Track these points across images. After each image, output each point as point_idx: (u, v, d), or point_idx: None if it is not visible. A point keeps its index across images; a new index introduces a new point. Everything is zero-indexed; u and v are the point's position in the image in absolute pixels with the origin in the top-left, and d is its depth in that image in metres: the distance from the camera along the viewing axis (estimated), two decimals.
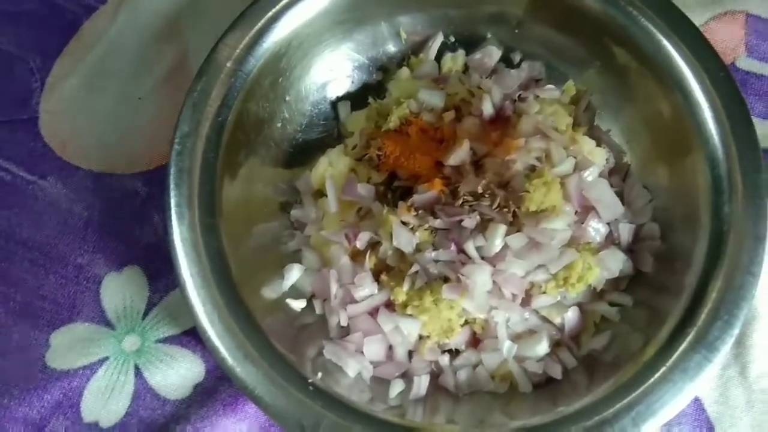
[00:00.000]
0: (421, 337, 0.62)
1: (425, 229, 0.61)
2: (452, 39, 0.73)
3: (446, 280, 0.60)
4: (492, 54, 0.71)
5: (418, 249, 0.61)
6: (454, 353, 0.64)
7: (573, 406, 0.55)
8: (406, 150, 0.66)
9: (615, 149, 0.68)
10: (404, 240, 0.61)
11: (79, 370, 0.66)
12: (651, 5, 0.63)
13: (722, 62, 0.62)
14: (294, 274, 0.65)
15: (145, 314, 0.68)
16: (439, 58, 0.73)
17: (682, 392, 0.53)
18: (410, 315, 0.60)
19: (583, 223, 0.61)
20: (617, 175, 0.67)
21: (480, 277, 0.59)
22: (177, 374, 0.66)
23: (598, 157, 0.64)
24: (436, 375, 0.63)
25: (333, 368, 0.61)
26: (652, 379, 0.54)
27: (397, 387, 0.61)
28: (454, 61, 0.72)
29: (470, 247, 0.60)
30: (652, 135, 0.66)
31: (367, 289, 0.62)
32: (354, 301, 0.62)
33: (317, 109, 0.72)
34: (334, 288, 0.63)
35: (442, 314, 0.60)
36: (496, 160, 0.63)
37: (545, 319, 0.62)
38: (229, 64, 0.63)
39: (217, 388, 0.65)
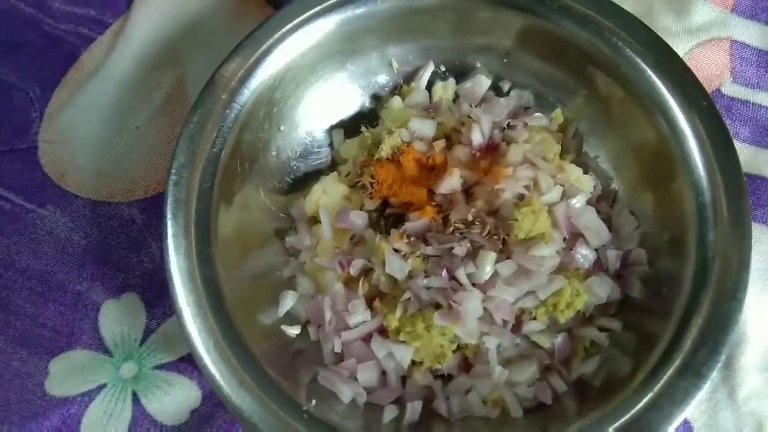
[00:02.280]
0: (413, 363, 0.63)
1: (417, 257, 0.62)
2: (443, 68, 0.74)
3: (438, 306, 0.61)
4: (482, 83, 0.73)
5: (410, 276, 0.62)
6: (446, 378, 0.64)
7: (563, 431, 0.56)
8: (398, 178, 0.67)
9: (602, 176, 0.69)
10: (396, 267, 0.62)
11: (78, 397, 0.67)
12: (635, 36, 0.65)
13: (705, 91, 0.63)
14: (288, 300, 0.66)
15: (143, 341, 0.69)
16: (430, 86, 0.74)
17: (668, 419, 0.54)
18: (403, 341, 0.61)
19: (571, 250, 0.63)
20: (605, 201, 0.68)
21: (471, 303, 0.60)
22: (174, 400, 0.67)
23: (586, 185, 0.66)
24: (429, 400, 0.63)
25: (327, 395, 0.62)
26: (640, 405, 0.55)
27: (390, 413, 0.62)
28: (445, 89, 0.74)
29: (461, 274, 0.61)
30: (639, 162, 0.67)
31: (360, 316, 0.63)
32: (348, 328, 0.63)
33: (311, 137, 0.73)
34: (328, 314, 0.64)
35: (434, 340, 0.61)
36: (485, 188, 0.64)
37: (535, 345, 0.63)
38: (224, 96, 0.64)
39: (213, 414, 0.66)
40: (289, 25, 0.66)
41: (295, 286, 0.68)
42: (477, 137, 0.67)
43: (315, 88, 0.71)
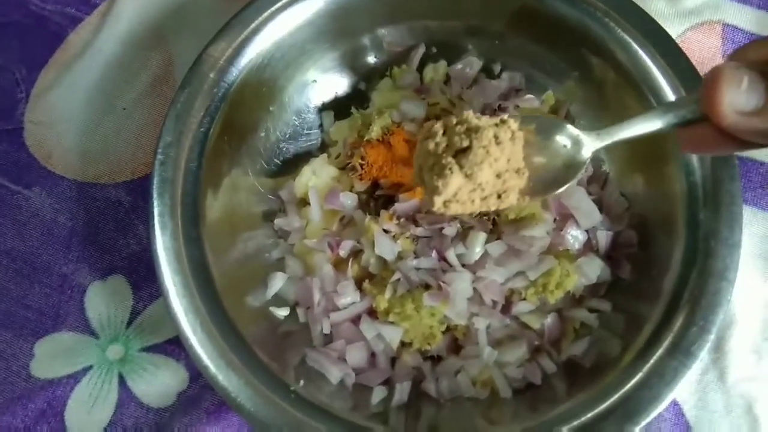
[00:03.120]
0: (403, 344, 0.63)
1: (407, 237, 0.62)
2: (434, 49, 0.73)
3: (427, 287, 0.61)
4: (473, 65, 0.72)
5: (400, 257, 0.62)
6: (436, 360, 0.64)
7: (552, 412, 0.56)
8: (388, 159, 0.67)
9: (593, 158, 0.69)
10: (386, 248, 0.62)
11: (63, 379, 0.66)
12: (627, 17, 0.64)
13: (697, 73, 0.63)
14: (277, 282, 0.65)
15: (129, 323, 0.68)
16: (421, 68, 0.74)
17: (658, 398, 0.54)
18: (392, 322, 0.61)
19: (561, 231, 0.62)
20: (596, 183, 0.68)
21: (461, 284, 0.60)
22: (161, 382, 0.66)
23: None
24: (418, 381, 0.63)
25: (315, 376, 0.61)
26: (630, 385, 0.55)
27: (379, 394, 0.61)
28: (436, 71, 0.73)
29: (451, 255, 0.61)
30: (630, 144, 0.65)
31: (349, 297, 0.63)
32: (336, 309, 0.63)
33: (301, 118, 0.73)
34: (317, 296, 0.63)
35: (423, 321, 0.61)
36: None
37: (525, 326, 0.63)
38: (212, 75, 0.63)
39: (200, 396, 0.66)
40: (278, 4, 0.65)
41: (284, 268, 0.67)
42: None
43: (305, 69, 0.71)
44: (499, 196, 0.50)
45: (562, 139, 0.50)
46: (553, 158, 0.50)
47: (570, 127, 0.50)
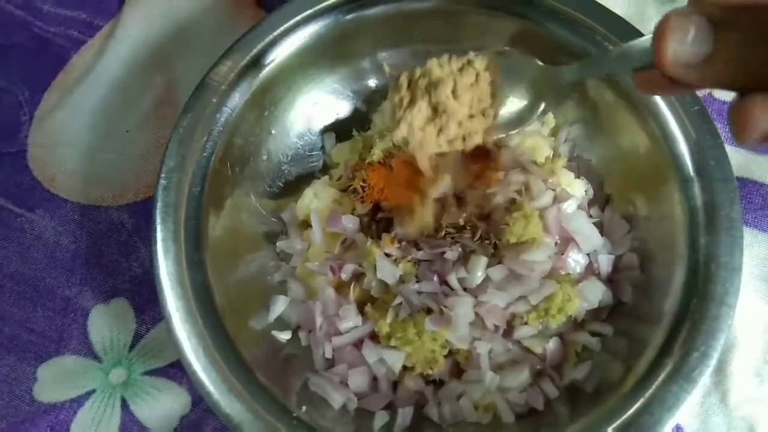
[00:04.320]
0: (405, 368, 0.63)
1: (408, 261, 0.62)
2: None
3: (429, 311, 0.61)
4: None
5: (402, 281, 0.62)
6: (438, 384, 0.64)
7: None
8: (389, 182, 0.67)
9: (594, 180, 0.69)
10: (388, 272, 0.62)
11: (66, 403, 0.66)
12: (626, 41, 0.64)
13: (696, 95, 0.63)
14: (279, 305, 0.66)
15: (132, 346, 0.68)
16: None
17: (660, 423, 0.53)
18: (394, 346, 0.61)
19: (563, 255, 0.62)
20: (597, 205, 0.68)
21: (462, 308, 0.60)
22: (163, 406, 0.66)
23: (577, 190, 0.66)
24: (420, 406, 0.63)
25: (318, 401, 0.61)
26: (632, 411, 0.54)
27: (381, 419, 0.61)
28: None
29: (452, 279, 0.61)
30: (630, 166, 0.67)
31: (351, 321, 0.63)
32: (339, 333, 0.63)
33: (303, 140, 0.73)
34: (318, 320, 0.63)
35: (425, 345, 0.61)
36: (477, 193, 0.64)
37: (527, 350, 0.63)
38: (214, 100, 0.64)
39: (203, 420, 0.66)
40: (280, 29, 0.66)
41: (286, 291, 0.67)
42: None
43: (306, 92, 0.71)
44: (464, 139, 0.53)
45: (524, 78, 0.52)
46: (516, 96, 0.53)
47: (535, 66, 0.53)
